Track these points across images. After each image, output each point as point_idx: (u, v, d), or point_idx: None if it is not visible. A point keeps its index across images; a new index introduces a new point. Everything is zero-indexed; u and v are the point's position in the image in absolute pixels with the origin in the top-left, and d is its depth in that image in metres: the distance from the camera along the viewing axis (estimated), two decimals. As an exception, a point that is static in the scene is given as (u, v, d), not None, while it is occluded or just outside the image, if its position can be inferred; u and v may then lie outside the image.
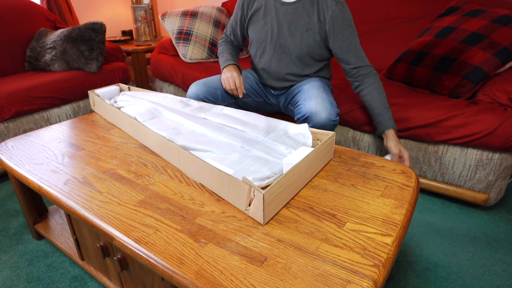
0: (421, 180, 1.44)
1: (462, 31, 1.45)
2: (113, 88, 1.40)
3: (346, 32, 1.20)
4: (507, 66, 1.39)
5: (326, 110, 1.15)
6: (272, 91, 1.45)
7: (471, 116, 1.25)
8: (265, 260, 0.61)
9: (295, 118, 1.25)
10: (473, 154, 1.29)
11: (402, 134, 1.39)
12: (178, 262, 0.61)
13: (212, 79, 1.42)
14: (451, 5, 1.63)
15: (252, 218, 0.72)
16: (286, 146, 0.95)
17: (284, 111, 1.46)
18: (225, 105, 1.44)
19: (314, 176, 0.88)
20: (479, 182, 1.31)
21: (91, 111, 1.95)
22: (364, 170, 0.91)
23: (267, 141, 0.98)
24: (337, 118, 1.19)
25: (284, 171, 0.82)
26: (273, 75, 1.37)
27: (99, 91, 1.35)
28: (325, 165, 0.94)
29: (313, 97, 1.18)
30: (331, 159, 0.97)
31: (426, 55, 1.50)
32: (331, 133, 0.95)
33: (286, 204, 0.77)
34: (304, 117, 1.18)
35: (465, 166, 1.32)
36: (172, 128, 1.05)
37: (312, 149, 0.85)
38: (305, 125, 1.02)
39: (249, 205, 0.71)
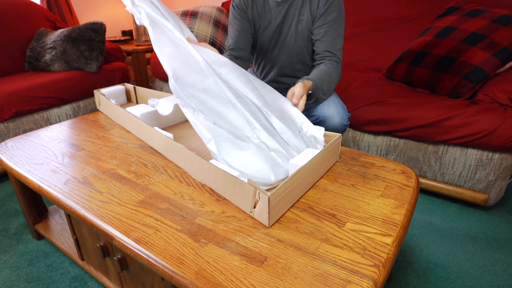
0: (421, 180, 1.44)
1: (462, 31, 1.45)
2: (118, 87, 1.40)
3: (330, 17, 1.17)
4: (507, 66, 1.39)
5: (339, 114, 1.14)
6: None
7: (471, 116, 1.25)
8: (265, 260, 0.61)
9: None
10: (473, 154, 1.29)
11: (402, 134, 1.39)
12: (178, 262, 0.61)
13: None
14: (451, 5, 1.63)
15: (252, 218, 0.72)
16: (296, 150, 0.91)
17: None
18: None
19: (320, 178, 0.88)
20: (479, 182, 1.31)
21: (91, 111, 1.95)
22: (364, 170, 0.91)
23: (281, 137, 0.92)
24: (348, 122, 1.18)
25: (290, 174, 0.82)
26: (277, 72, 1.35)
27: (104, 90, 1.35)
28: (331, 167, 0.94)
29: (325, 102, 1.18)
30: (336, 161, 0.96)
31: (426, 55, 1.50)
32: (337, 135, 0.94)
33: (291, 206, 0.76)
34: (317, 121, 1.17)
35: (465, 166, 1.32)
36: (191, 69, 0.92)
37: (318, 151, 0.84)
38: (322, 129, 0.95)
39: (254, 207, 0.71)
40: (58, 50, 1.89)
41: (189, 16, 2.18)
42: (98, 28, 1.90)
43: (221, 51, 2.18)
